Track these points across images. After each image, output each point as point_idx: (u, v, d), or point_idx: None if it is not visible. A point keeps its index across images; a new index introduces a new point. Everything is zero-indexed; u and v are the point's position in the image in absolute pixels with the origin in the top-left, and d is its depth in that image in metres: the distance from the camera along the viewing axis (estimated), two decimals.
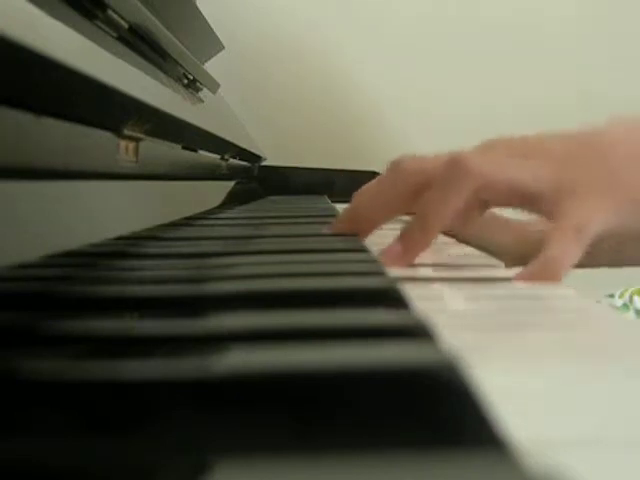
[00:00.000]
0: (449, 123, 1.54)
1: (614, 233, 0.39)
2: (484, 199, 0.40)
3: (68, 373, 0.15)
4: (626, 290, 1.33)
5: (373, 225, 0.44)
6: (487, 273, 0.39)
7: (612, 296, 1.34)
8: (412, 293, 0.26)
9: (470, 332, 0.25)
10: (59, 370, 0.16)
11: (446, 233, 0.46)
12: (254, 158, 1.19)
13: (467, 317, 0.28)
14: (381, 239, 0.43)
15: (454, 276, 0.38)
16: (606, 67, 1.57)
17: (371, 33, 1.57)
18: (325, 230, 0.46)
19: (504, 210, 0.45)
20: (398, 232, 0.40)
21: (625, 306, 1.30)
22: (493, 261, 0.44)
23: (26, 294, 0.25)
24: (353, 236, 0.44)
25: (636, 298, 1.32)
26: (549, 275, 0.36)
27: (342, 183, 1.24)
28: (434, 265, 0.41)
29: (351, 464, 0.12)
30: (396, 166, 0.43)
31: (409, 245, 0.39)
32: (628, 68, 1.55)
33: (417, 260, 0.40)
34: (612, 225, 0.38)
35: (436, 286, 0.35)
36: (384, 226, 0.45)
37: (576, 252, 0.37)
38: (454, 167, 0.39)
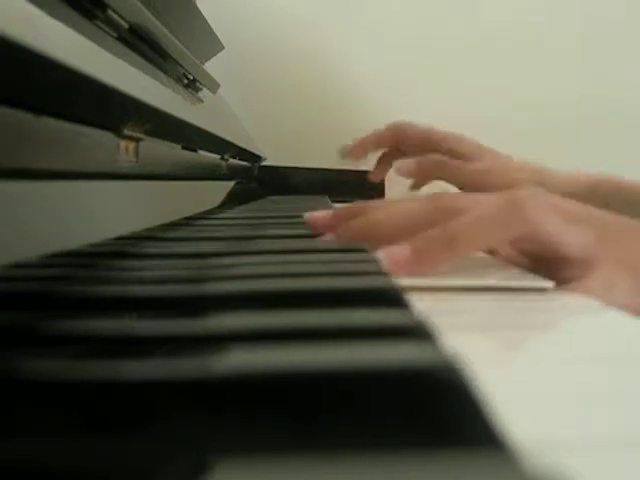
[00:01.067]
0: (450, 123, 1.54)
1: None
2: (519, 244, 0.39)
3: (68, 373, 0.15)
4: None
5: (384, 243, 0.41)
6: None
7: None
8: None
9: (470, 332, 0.25)
10: (59, 370, 0.16)
11: None
12: (254, 158, 1.19)
13: (466, 316, 0.28)
14: None
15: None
16: (606, 69, 1.57)
17: (371, 33, 1.57)
18: (327, 237, 0.43)
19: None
20: None
21: None
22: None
23: (26, 294, 0.25)
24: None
25: None
26: None
27: (342, 183, 1.24)
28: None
29: (351, 464, 0.12)
30: (437, 199, 0.41)
31: (424, 256, 0.36)
32: (629, 68, 1.55)
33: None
34: (635, 304, 0.38)
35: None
36: None
37: (606, 300, 0.36)
38: (515, 206, 0.37)
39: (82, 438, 0.14)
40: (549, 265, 0.40)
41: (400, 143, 0.86)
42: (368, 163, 0.95)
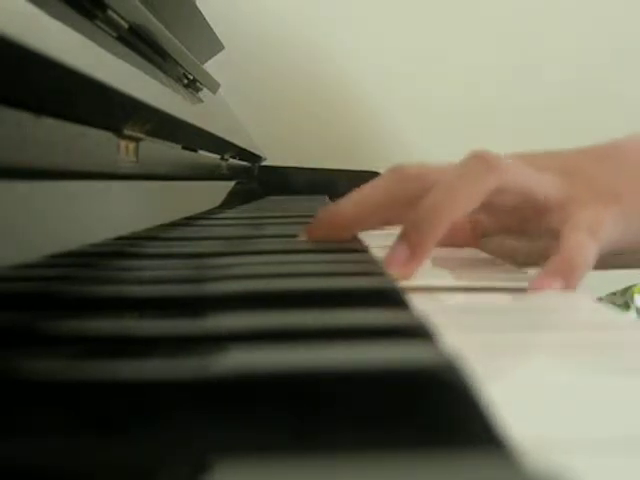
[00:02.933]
0: (450, 123, 1.54)
1: (620, 241, 0.39)
2: (495, 203, 0.38)
3: (68, 373, 0.15)
4: (627, 289, 1.33)
5: (353, 230, 0.42)
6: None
7: (614, 294, 1.34)
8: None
9: (470, 333, 0.25)
10: (59, 370, 0.16)
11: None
12: (254, 158, 1.19)
13: (468, 317, 0.28)
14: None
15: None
16: (607, 68, 1.57)
17: (372, 32, 1.57)
18: (301, 236, 0.42)
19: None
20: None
21: (626, 305, 1.31)
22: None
23: (26, 294, 0.25)
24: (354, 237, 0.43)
25: (637, 297, 1.32)
26: (567, 276, 0.34)
27: (342, 183, 1.24)
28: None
29: (351, 464, 0.12)
30: (396, 169, 0.40)
31: (418, 243, 0.35)
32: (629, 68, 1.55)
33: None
34: (620, 230, 0.38)
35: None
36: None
37: (592, 252, 0.36)
38: (478, 161, 0.37)
39: (82, 438, 0.14)
40: (529, 219, 0.40)
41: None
42: (368, 163, 0.95)
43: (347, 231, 0.42)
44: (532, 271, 0.40)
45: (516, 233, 0.44)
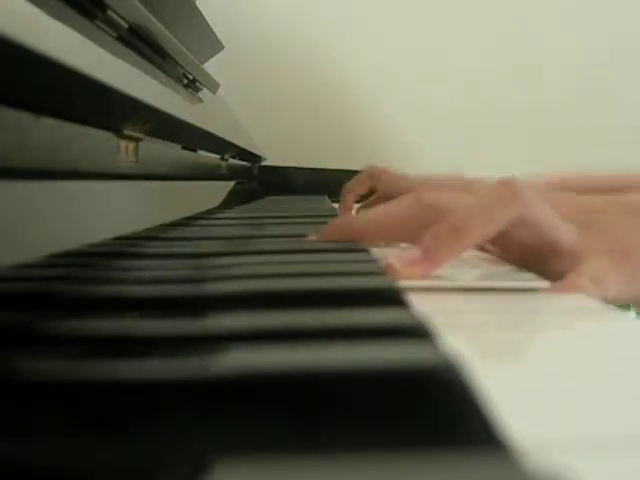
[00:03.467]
0: (450, 123, 1.54)
1: (624, 298, 0.40)
2: (508, 234, 0.39)
3: (68, 373, 0.15)
4: None
5: (367, 244, 0.42)
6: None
7: None
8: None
9: (470, 332, 0.25)
10: (59, 370, 0.16)
11: None
12: (254, 158, 1.19)
13: (466, 316, 0.28)
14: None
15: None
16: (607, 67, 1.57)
17: (372, 32, 1.57)
18: (313, 237, 0.43)
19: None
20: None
21: (626, 304, 1.30)
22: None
23: (26, 294, 0.25)
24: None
25: None
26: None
27: (342, 183, 1.24)
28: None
29: (351, 464, 0.12)
30: (416, 196, 0.41)
31: (434, 252, 0.36)
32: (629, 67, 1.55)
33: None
34: (626, 290, 0.39)
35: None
36: None
37: (593, 294, 0.37)
38: (507, 190, 0.38)
39: (82, 438, 0.14)
40: (538, 259, 0.40)
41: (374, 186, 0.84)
42: (368, 163, 0.95)
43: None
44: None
45: (517, 264, 0.45)
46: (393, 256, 0.36)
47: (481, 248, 0.46)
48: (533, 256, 0.41)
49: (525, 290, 0.35)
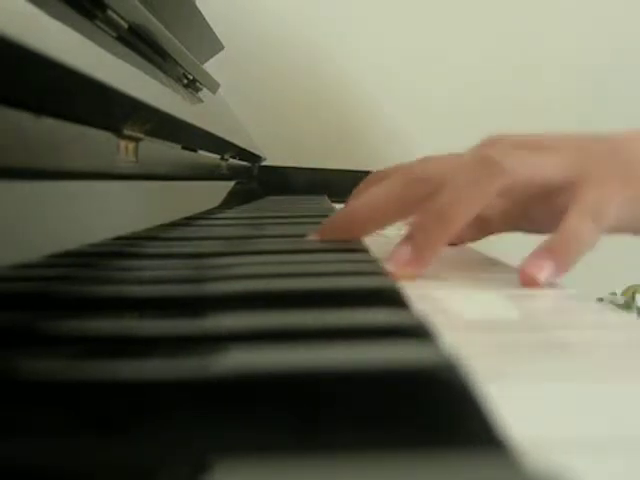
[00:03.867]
0: (450, 123, 1.54)
1: (624, 225, 0.39)
2: (503, 199, 0.39)
3: (68, 373, 0.15)
4: (628, 288, 1.33)
5: (367, 231, 0.42)
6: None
7: (614, 294, 1.34)
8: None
9: (469, 332, 0.25)
10: (59, 370, 0.16)
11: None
12: (254, 158, 1.19)
13: (467, 316, 0.28)
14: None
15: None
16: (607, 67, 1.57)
17: (372, 32, 1.57)
18: (312, 236, 0.42)
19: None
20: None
21: (627, 304, 1.30)
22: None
23: (26, 294, 0.25)
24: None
25: (638, 297, 1.32)
26: (559, 257, 0.35)
27: (342, 183, 1.24)
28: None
29: (350, 464, 0.12)
30: (402, 171, 0.41)
31: (424, 246, 0.36)
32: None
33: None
34: (625, 215, 0.38)
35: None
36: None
37: (594, 234, 0.36)
38: (486, 165, 0.37)
39: (82, 438, 0.14)
40: (539, 208, 0.40)
41: None
42: (367, 163, 0.95)
43: (360, 233, 0.42)
44: None
45: (522, 226, 0.45)
46: (386, 260, 0.36)
47: (478, 216, 0.46)
48: (532, 206, 0.41)
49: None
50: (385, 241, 0.44)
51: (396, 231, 0.48)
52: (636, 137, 0.42)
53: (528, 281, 0.35)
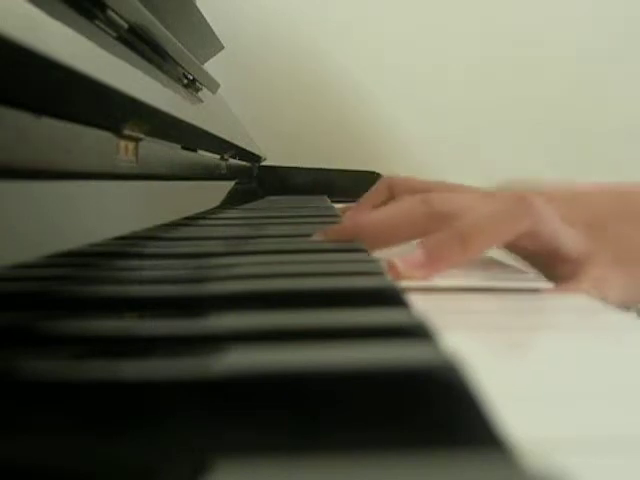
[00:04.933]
0: (450, 123, 1.54)
1: (626, 300, 0.40)
2: (519, 244, 0.40)
3: (68, 373, 0.15)
4: None
5: (374, 247, 0.42)
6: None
7: None
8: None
9: (469, 332, 0.25)
10: (59, 370, 0.16)
11: None
12: (254, 158, 1.19)
13: (467, 316, 0.28)
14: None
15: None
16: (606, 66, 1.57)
17: (372, 32, 1.57)
18: (317, 236, 0.43)
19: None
20: None
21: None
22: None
23: (26, 294, 0.25)
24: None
25: None
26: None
27: (342, 183, 1.24)
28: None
29: (350, 464, 0.12)
30: (427, 200, 0.41)
31: (437, 260, 0.37)
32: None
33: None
34: (629, 294, 0.39)
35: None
36: None
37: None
38: (522, 203, 0.38)
39: (82, 438, 0.14)
40: (544, 264, 0.41)
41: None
42: (368, 163, 0.95)
43: (367, 247, 0.42)
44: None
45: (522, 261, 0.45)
46: (396, 256, 0.36)
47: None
48: (539, 263, 0.42)
49: (527, 290, 0.35)
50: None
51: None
52: None
53: None
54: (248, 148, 1.03)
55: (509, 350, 0.23)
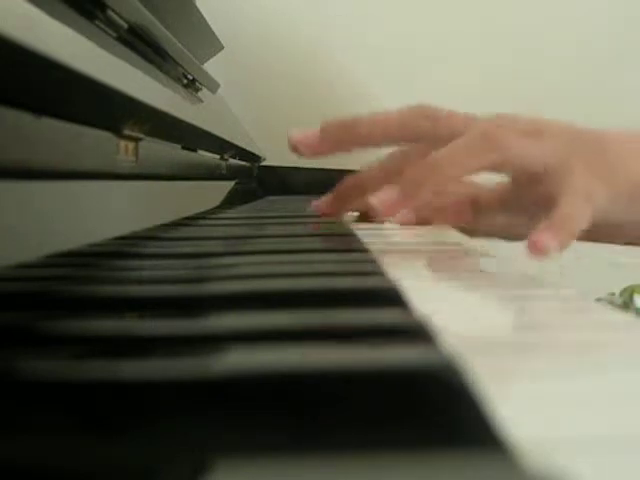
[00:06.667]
0: None
1: (607, 212, 0.41)
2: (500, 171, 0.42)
3: (68, 373, 0.15)
4: (626, 289, 1.33)
5: (362, 143, 0.46)
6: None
7: (612, 294, 1.34)
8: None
9: (469, 332, 0.25)
10: (59, 370, 0.16)
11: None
12: (254, 158, 1.19)
13: (468, 316, 0.28)
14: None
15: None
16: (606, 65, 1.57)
17: (372, 32, 1.57)
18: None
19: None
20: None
21: (625, 304, 1.30)
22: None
23: (26, 294, 0.25)
24: (353, 235, 0.43)
25: (636, 297, 1.32)
26: (564, 230, 0.37)
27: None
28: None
29: (350, 464, 0.12)
30: (415, 105, 0.45)
31: (409, 192, 0.39)
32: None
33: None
34: (605, 209, 0.40)
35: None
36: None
37: (587, 212, 0.38)
38: (485, 139, 0.40)
39: (82, 438, 0.14)
40: (527, 189, 0.42)
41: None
42: (367, 163, 0.95)
43: (355, 142, 0.45)
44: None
45: (513, 208, 0.47)
46: (373, 196, 0.38)
47: (471, 198, 0.48)
48: (521, 187, 0.43)
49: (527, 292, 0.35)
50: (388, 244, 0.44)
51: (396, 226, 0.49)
52: (624, 139, 0.44)
53: (536, 252, 0.37)
54: (248, 148, 1.03)
55: (509, 349, 0.23)
